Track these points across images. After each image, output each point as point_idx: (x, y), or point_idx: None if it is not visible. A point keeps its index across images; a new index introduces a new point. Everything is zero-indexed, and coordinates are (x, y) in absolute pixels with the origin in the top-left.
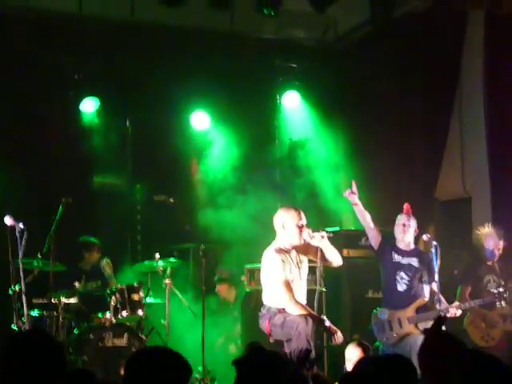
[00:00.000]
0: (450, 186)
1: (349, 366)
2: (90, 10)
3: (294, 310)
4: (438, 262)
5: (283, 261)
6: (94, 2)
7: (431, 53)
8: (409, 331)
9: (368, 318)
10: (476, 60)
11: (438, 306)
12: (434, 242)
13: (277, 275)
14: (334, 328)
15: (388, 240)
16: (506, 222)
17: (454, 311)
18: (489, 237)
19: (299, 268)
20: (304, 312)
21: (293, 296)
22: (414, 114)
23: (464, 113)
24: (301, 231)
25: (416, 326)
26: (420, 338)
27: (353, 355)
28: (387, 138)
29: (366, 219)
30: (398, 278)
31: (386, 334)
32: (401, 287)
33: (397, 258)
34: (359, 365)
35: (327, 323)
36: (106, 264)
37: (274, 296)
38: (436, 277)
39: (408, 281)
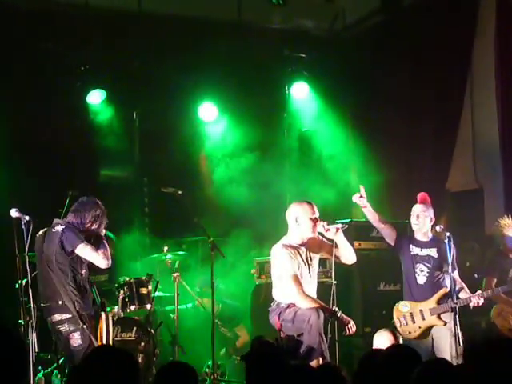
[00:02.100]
0: (462, 176)
1: None
2: (96, 0)
3: (304, 304)
4: (453, 252)
5: (290, 256)
6: None
7: (442, 40)
8: (432, 323)
9: (380, 311)
10: (488, 46)
11: (460, 295)
12: (447, 233)
13: (284, 270)
14: (347, 318)
15: (404, 233)
16: None
17: (477, 300)
18: (510, 228)
19: (309, 265)
20: (315, 305)
21: (302, 290)
22: (424, 102)
23: (476, 102)
24: (315, 224)
25: (439, 317)
26: (443, 329)
27: (384, 344)
28: (397, 128)
29: (377, 219)
30: (417, 270)
31: (409, 328)
32: (421, 280)
33: (415, 250)
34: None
35: (339, 314)
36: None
37: (283, 291)
38: (455, 266)
39: (428, 272)
